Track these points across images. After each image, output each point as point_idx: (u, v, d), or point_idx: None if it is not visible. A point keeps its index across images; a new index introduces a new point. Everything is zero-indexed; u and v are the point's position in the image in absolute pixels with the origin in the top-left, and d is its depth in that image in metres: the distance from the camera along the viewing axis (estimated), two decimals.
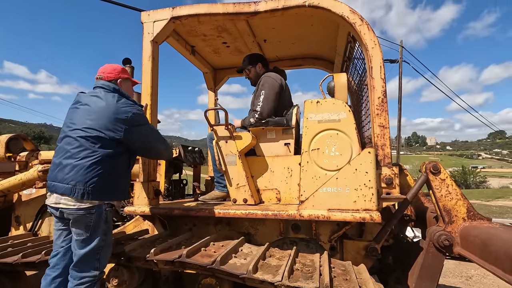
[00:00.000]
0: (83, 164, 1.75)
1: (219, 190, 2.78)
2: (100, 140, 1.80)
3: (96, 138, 1.80)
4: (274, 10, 2.38)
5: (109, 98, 1.92)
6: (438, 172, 2.10)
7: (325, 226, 2.29)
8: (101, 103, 1.89)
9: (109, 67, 2.13)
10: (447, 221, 2.06)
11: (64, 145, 1.84)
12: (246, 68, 3.03)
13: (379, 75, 2.15)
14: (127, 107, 1.92)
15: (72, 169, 1.75)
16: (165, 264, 1.89)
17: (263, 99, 2.61)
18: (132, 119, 1.90)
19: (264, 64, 3.04)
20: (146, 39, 2.56)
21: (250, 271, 1.60)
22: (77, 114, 1.91)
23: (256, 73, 3.00)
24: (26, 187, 2.92)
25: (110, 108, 1.87)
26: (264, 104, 2.60)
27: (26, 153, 3.22)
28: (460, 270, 4.82)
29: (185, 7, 2.55)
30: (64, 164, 1.79)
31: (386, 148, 2.10)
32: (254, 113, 2.59)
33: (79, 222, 1.75)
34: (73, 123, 1.88)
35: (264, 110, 2.59)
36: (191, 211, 2.28)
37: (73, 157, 1.77)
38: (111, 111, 1.86)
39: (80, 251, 1.75)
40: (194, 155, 3.30)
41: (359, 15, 2.22)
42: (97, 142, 1.79)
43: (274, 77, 2.74)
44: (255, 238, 2.45)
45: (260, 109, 2.59)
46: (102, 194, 1.80)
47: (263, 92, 2.63)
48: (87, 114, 1.87)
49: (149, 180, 2.44)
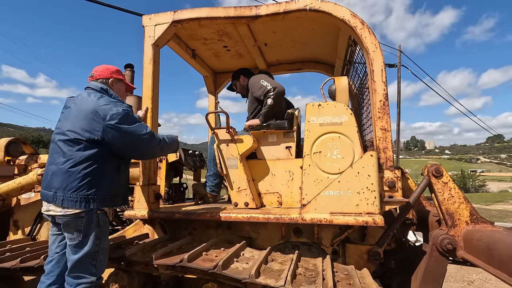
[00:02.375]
0: (62, 169, 1.68)
1: (205, 188, 2.91)
2: (78, 142, 1.70)
3: (74, 141, 1.70)
4: (275, 14, 2.40)
5: (90, 98, 1.82)
6: (441, 176, 2.09)
7: (327, 230, 2.27)
8: (82, 104, 1.80)
9: (103, 66, 2.07)
10: (450, 224, 2.04)
11: (50, 152, 1.81)
12: (233, 85, 3.27)
13: (380, 78, 2.15)
14: (107, 105, 1.77)
15: (53, 176, 1.70)
16: (166, 268, 1.87)
17: (265, 82, 2.75)
18: (112, 118, 1.73)
19: (245, 74, 3.20)
20: (147, 43, 2.56)
21: (252, 276, 1.57)
22: (61, 118, 1.86)
23: (241, 86, 3.19)
24: (25, 191, 2.89)
25: (88, 107, 1.76)
26: (270, 84, 2.72)
27: (25, 156, 3.20)
28: (462, 275, 4.79)
29: (187, 11, 2.55)
30: (47, 171, 1.76)
31: (388, 151, 2.09)
32: (267, 92, 2.70)
33: (70, 226, 1.70)
34: (57, 127, 1.83)
35: (275, 87, 2.69)
36: (192, 215, 2.26)
37: (54, 163, 1.72)
38: (89, 110, 1.75)
39: (74, 256, 1.69)
40: (195, 158, 3.28)
41: (360, 19, 2.23)
42: (75, 145, 1.70)
43: (257, 74, 2.96)
44: (256, 242, 2.43)
45: (270, 86, 2.71)
46: (83, 200, 1.67)
47: (260, 81, 2.78)
48: (67, 117, 1.81)
49: (149, 184, 2.42)
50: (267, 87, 2.71)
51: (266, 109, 2.70)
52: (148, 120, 2.50)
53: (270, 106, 2.67)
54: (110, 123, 1.73)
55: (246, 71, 3.24)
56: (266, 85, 2.73)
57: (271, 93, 2.67)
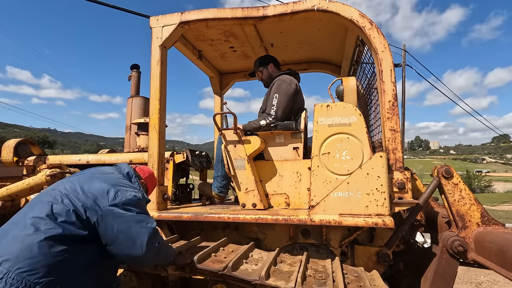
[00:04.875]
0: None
1: (212, 189, 2.88)
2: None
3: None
4: (282, 15, 2.39)
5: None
6: (451, 177, 2.06)
7: (335, 231, 2.26)
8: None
9: (149, 170, 2.04)
10: (460, 226, 2.02)
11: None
12: (258, 70, 2.99)
13: (389, 79, 2.14)
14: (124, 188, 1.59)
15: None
16: (175, 269, 1.87)
17: (277, 103, 2.58)
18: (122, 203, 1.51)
19: (275, 64, 3.02)
20: (154, 44, 2.57)
21: (262, 277, 1.57)
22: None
23: (268, 74, 2.96)
24: (33, 191, 2.91)
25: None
26: (279, 109, 2.57)
27: (34, 157, 3.23)
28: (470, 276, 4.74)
29: (194, 12, 2.56)
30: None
31: (397, 152, 2.07)
32: (268, 116, 2.57)
33: None
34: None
35: (278, 115, 2.57)
36: (200, 216, 2.26)
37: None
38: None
39: None
40: (201, 159, 3.29)
41: (368, 19, 2.22)
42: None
43: (288, 82, 2.70)
44: (264, 243, 2.42)
45: (274, 113, 2.56)
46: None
47: (277, 96, 2.60)
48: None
49: (158, 184, 2.43)
50: (272, 111, 2.57)
51: (254, 125, 2.58)
52: (156, 122, 2.51)
53: (260, 126, 2.56)
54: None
55: (276, 61, 3.05)
56: (275, 108, 2.57)
57: (270, 119, 2.55)
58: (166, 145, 2.71)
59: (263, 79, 3.03)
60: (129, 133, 3.74)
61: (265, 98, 2.91)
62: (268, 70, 2.96)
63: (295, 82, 2.80)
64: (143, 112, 3.80)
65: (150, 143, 2.50)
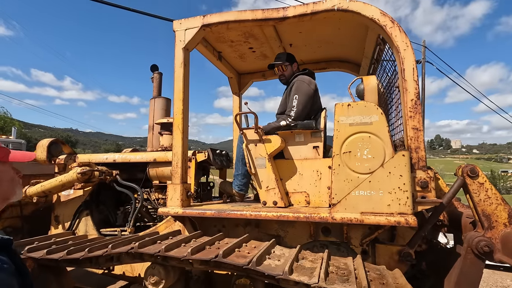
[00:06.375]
0: None
1: (232, 187, 2.94)
2: None
3: None
4: (302, 15, 2.42)
5: None
6: (476, 176, 2.03)
7: (356, 230, 2.27)
8: None
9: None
10: (486, 226, 1.99)
11: None
12: (283, 64, 2.97)
13: (412, 77, 2.13)
14: None
15: None
16: (201, 263, 1.95)
17: (297, 104, 2.63)
18: None
19: (298, 65, 3.08)
20: (178, 47, 2.66)
21: (286, 272, 1.61)
22: None
23: (292, 72, 3.01)
24: (65, 188, 3.09)
25: None
26: (299, 110, 2.63)
27: (65, 156, 3.42)
28: (495, 280, 4.58)
29: (215, 15, 2.63)
30: None
31: (420, 151, 2.06)
32: (287, 117, 2.62)
33: None
34: None
35: (299, 116, 2.63)
36: (223, 212, 2.33)
37: None
38: None
39: None
40: (222, 158, 3.37)
41: (390, 17, 2.21)
42: None
43: (308, 83, 2.75)
44: (284, 240, 2.47)
45: (294, 114, 2.62)
46: None
47: (297, 97, 2.65)
48: None
49: (182, 182, 2.52)
50: (292, 112, 2.62)
51: (274, 126, 2.65)
52: (179, 122, 2.60)
53: (280, 126, 2.63)
54: None
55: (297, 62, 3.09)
56: (295, 109, 2.63)
57: (290, 120, 2.62)
58: None
59: (284, 75, 3.02)
60: (152, 133, 3.88)
61: (283, 99, 2.95)
62: (292, 68, 3.02)
63: (314, 82, 2.83)
64: (165, 113, 3.93)
65: (174, 142, 2.60)
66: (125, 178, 3.23)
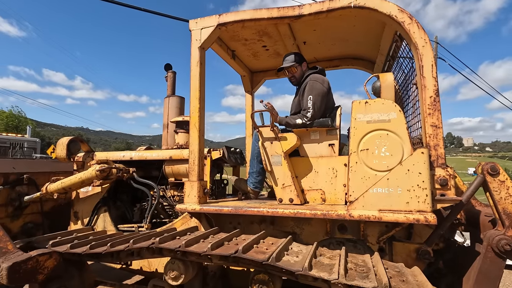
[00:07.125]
0: None
1: (247, 185, 2.96)
2: None
3: None
4: (318, 13, 2.42)
5: None
6: (497, 174, 2.00)
7: (373, 227, 2.27)
8: None
9: None
10: (507, 225, 1.96)
11: None
12: (292, 66, 2.93)
13: (430, 74, 2.11)
14: None
15: None
16: (220, 259, 1.98)
17: (312, 104, 2.63)
18: None
19: (307, 63, 3.06)
20: (194, 46, 2.70)
21: (306, 268, 1.63)
22: None
23: (302, 72, 2.97)
24: (84, 185, 3.18)
25: None
26: (315, 111, 2.63)
27: (83, 153, 3.51)
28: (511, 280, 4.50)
29: (231, 14, 2.65)
30: None
31: (439, 149, 2.04)
32: (304, 117, 2.63)
33: None
34: None
35: (314, 116, 2.63)
36: (240, 209, 2.36)
37: None
38: None
39: None
40: (236, 155, 3.40)
41: (408, 14, 2.19)
42: None
43: (321, 82, 2.74)
44: (300, 237, 2.48)
45: (310, 115, 2.62)
46: None
47: (311, 98, 2.64)
48: None
49: (198, 179, 2.56)
50: (308, 112, 2.62)
51: (290, 122, 2.67)
52: (196, 120, 2.64)
53: (295, 124, 2.64)
54: None
55: (306, 61, 3.08)
56: (311, 110, 2.63)
57: (306, 119, 2.62)
58: None
59: (294, 76, 2.98)
60: (167, 131, 3.94)
61: (296, 99, 2.93)
62: (302, 68, 2.99)
63: (326, 80, 2.82)
64: (179, 111, 3.99)
65: (191, 140, 2.64)
66: (141, 175, 3.30)
